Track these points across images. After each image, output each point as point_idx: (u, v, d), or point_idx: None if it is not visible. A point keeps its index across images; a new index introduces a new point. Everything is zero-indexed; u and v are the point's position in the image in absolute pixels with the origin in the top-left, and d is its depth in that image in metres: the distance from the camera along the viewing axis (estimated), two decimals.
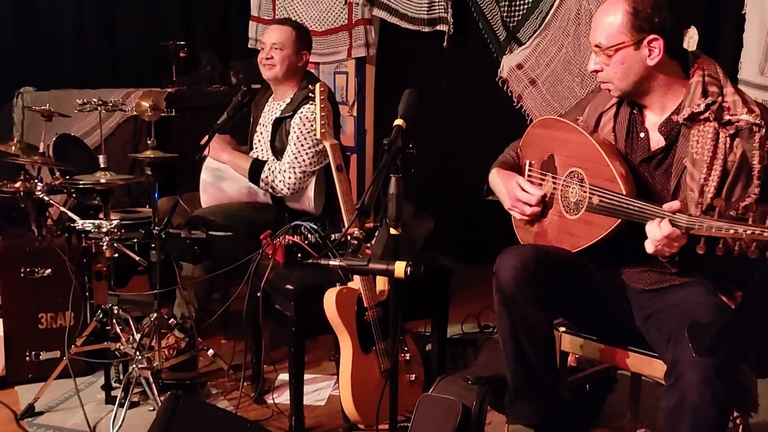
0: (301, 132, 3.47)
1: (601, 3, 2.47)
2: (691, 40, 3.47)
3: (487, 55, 4.82)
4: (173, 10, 5.96)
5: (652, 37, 2.30)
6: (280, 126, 3.60)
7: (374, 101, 5.65)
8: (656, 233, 2.14)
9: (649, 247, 2.18)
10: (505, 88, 4.72)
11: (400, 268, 1.99)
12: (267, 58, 3.63)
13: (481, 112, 5.05)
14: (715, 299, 2.25)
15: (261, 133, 3.74)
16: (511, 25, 4.69)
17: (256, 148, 3.75)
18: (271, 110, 3.73)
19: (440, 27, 5.02)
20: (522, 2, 4.64)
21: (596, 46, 2.36)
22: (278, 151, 3.59)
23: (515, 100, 4.68)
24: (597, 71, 2.41)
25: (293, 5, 5.71)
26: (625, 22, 2.31)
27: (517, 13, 4.67)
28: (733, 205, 2.09)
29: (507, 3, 4.68)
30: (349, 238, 2.13)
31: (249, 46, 6.03)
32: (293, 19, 5.19)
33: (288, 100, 3.61)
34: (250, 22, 6.04)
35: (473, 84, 5.06)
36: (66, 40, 5.55)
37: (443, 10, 4.97)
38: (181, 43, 5.12)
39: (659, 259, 2.27)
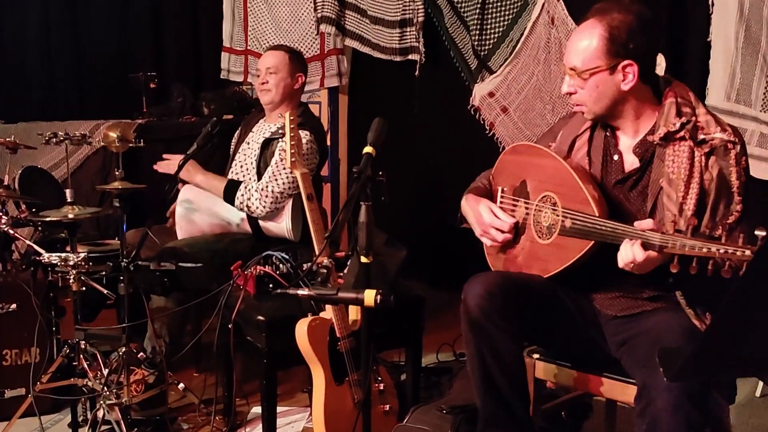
0: (283, 155, 3.45)
1: (570, 31, 2.49)
2: (658, 66, 3.50)
3: (459, 84, 4.85)
4: (143, 41, 5.93)
5: (626, 62, 2.32)
6: (268, 146, 3.59)
7: (347, 130, 5.66)
8: (628, 255, 2.14)
9: (622, 264, 2.18)
10: (477, 116, 4.73)
11: (370, 296, 1.96)
12: (262, 83, 3.66)
13: (454, 140, 5.06)
14: (687, 324, 2.24)
15: (245, 151, 3.73)
16: (483, 53, 4.71)
17: (236, 166, 3.73)
18: (261, 130, 3.73)
19: (412, 56, 5.04)
20: (493, 31, 4.67)
21: (571, 69, 2.37)
22: (262, 171, 3.57)
23: (487, 127, 4.69)
24: (571, 93, 2.42)
25: (266, 36, 5.71)
26: (601, 47, 2.32)
27: (488, 42, 4.70)
28: (718, 224, 2.09)
29: (478, 32, 4.70)
30: (318, 267, 2.10)
31: (222, 77, 6.04)
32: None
33: (280, 124, 3.60)
34: (222, 53, 6.05)
35: (445, 112, 5.07)
36: (33, 72, 5.50)
37: (415, 40, 5.00)
38: (152, 73, 5.10)
39: (633, 282, 2.27)
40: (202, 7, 6.15)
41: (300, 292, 2.03)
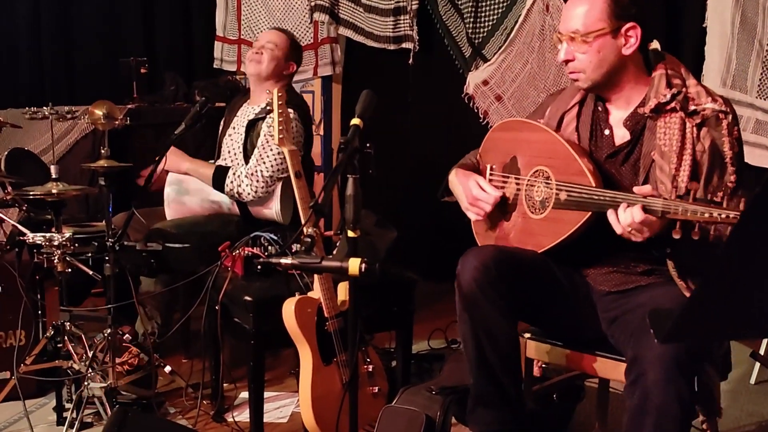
0: (269, 137, 3.41)
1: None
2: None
3: (453, 72, 4.81)
4: (136, 31, 5.90)
5: (630, 24, 2.30)
6: (253, 128, 3.55)
7: (341, 119, 5.61)
8: (627, 218, 2.09)
9: (618, 229, 2.13)
10: (471, 104, 4.69)
11: (354, 265, 1.92)
12: (256, 52, 3.61)
13: (448, 128, 5.03)
14: (680, 296, 2.20)
15: (231, 136, 3.68)
16: (477, 41, 4.68)
17: (224, 153, 3.68)
18: (245, 113, 3.68)
19: (406, 44, 5.01)
20: (487, 19, 4.64)
21: (573, 33, 2.31)
22: (249, 154, 3.53)
23: (481, 116, 4.66)
24: (569, 61, 2.35)
25: (259, 25, 5.68)
26: (605, 9, 2.28)
27: (482, 30, 4.67)
28: (712, 194, 2.05)
29: (472, 20, 4.67)
30: (303, 236, 2.06)
31: (215, 66, 5.99)
32: None
33: (263, 105, 3.57)
34: (216, 42, 6.00)
35: (439, 101, 5.04)
36: (23, 58, 5.46)
37: (408, 28, 4.96)
38: (143, 59, 5.07)
39: (626, 256, 2.25)
40: None
41: (283, 260, 1.99)
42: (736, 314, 1.46)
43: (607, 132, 2.43)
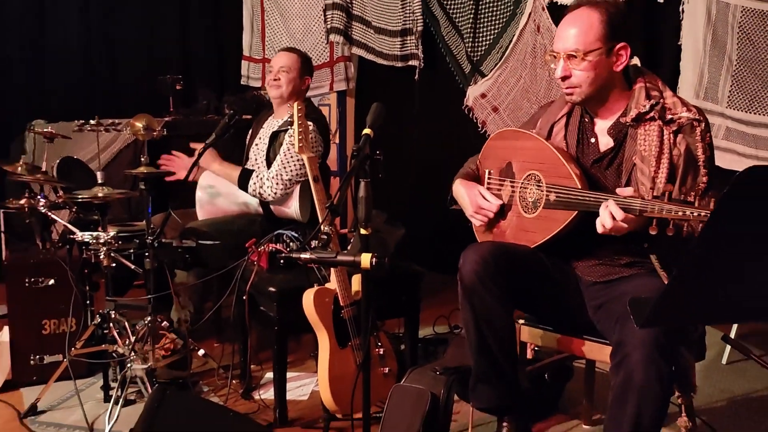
0: (290, 145, 3.41)
1: (552, 37, 2.42)
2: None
3: (454, 86, 4.80)
4: (172, 50, 5.89)
5: (622, 44, 2.27)
6: (276, 138, 3.54)
7: (354, 129, 5.61)
8: (606, 214, 2.07)
9: (600, 228, 2.10)
10: (470, 115, 4.68)
11: (366, 259, 1.91)
12: (274, 79, 3.60)
13: (450, 137, 5.01)
14: (661, 285, 2.18)
15: (257, 145, 3.67)
16: (475, 59, 4.66)
17: (252, 159, 3.68)
18: (270, 126, 3.67)
19: (412, 62, 5.00)
20: (485, 39, 4.62)
21: (572, 52, 2.27)
22: (272, 161, 3.52)
23: (480, 125, 4.64)
24: (567, 77, 2.31)
25: (281, 45, 5.65)
26: (601, 30, 2.25)
27: (480, 49, 4.65)
28: (686, 194, 2.03)
29: (471, 39, 4.65)
30: (320, 234, 2.05)
31: (242, 82, 5.99)
32: None
33: (286, 118, 3.57)
34: (243, 61, 6.01)
35: (442, 112, 5.02)
36: (72, 76, 5.46)
37: (414, 47, 4.96)
38: (178, 76, 5.07)
39: (610, 249, 2.24)
40: (225, 20, 6.11)
41: (303, 255, 1.99)
42: (707, 302, 1.46)
43: (592, 140, 2.41)
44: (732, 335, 3.46)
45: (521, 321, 2.56)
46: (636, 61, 2.49)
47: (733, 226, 1.34)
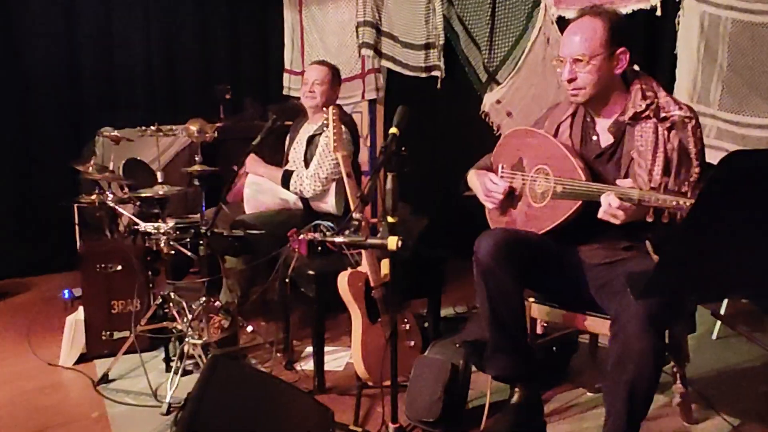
0: (325, 147, 3.44)
1: (559, 47, 2.40)
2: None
3: (472, 94, 4.78)
4: (223, 65, 5.93)
5: (622, 49, 2.27)
6: (312, 141, 3.57)
7: (383, 133, 5.61)
8: (606, 204, 2.08)
9: (601, 213, 2.11)
10: (487, 119, 4.66)
11: (392, 241, 1.95)
12: (310, 91, 3.62)
13: (468, 139, 4.97)
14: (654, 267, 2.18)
15: (295, 149, 3.71)
16: (491, 69, 4.65)
17: (291, 160, 3.71)
18: (306, 131, 3.70)
19: (434, 72, 4.98)
20: (500, 51, 4.61)
21: (579, 56, 2.26)
22: (309, 162, 3.56)
23: (495, 129, 4.62)
24: (573, 79, 2.30)
25: (318, 59, 5.70)
26: (606, 36, 2.25)
27: (495, 59, 4.64)
28: (681, 184, 2.04)
29: (487, 51, 4.64)
30: (352, 220, 2.08)
31: (284, 93, 6.03)
32: None
33: (320, 123, 3.60)
34: (284, 73, 6.05)
35: (461, 117, 5.00)
36: (137, 85, 5.55)
37: (437, 59, 4.94)
38: (228, 86, 5.13)
39: (611, 235, 2.23)
40: (269, 37, 6.14)
41: (337, 239, 2.02)
42: (695, 278, 1.46)
43: (594, 137, 2.41)
44: (722, 312, 3.42)
45: (531, 299, 2.57)
46: (635, 66, 2.48)
47: (718, 206, 1.34)
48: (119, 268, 3.40)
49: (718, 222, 1.37)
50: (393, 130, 2.26)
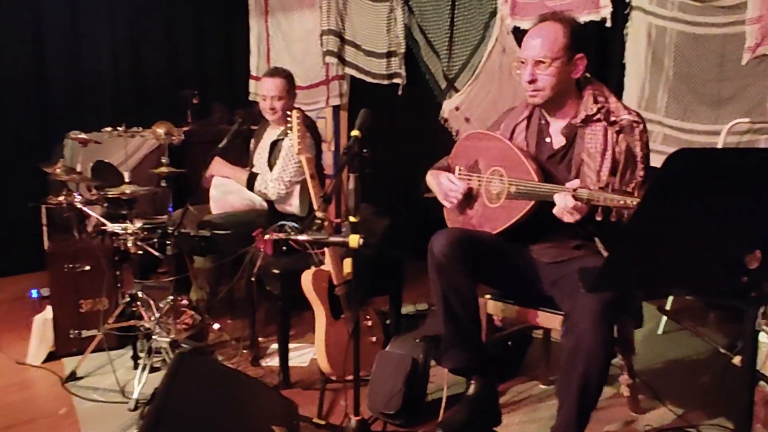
0: (289, 151, 3.41)
1: (515, 57, 2.41)
2: None
3: (432, 100, 4.80)
4: (191, 68, 5.87)
5: (580, 55, 2.29)
6: (275, 146, 3.53)
7: (347, 138, 5.59)
8: (561, 203, 2.10)
9: (557, 211, 2.13)
10: (446, 125, 4.69)
11: (354, 239, 1.94)
12: (271, 108, 3.52)
13: (428, 145, 4.99)
14: None
15: (260, 153, 3.67)
16: (450, 76, 4.68)
17: (256, 165, 3.66)
18: (269, 135, 3.66)
19: (396, 80, 4.99)
20: (458, 59, 4.64)
21: (541, 59, 2.27)
22: (272, 166, 3.51)
23: (454, 134, 4.65)
24: (533, 81, 2.31)
25: (284, 66, 5.66)
26: (566, 41, 2.26)
27: (454, 67, 4.67)
28: (625, 185, 2.06)
29: (447, 59, 4.67)
30: (315, 219, 2.08)
31: (250, 98, 5.98)
32: None
33: (282, 128, 3.55)
34: (250, 80, 6.00)
35: (422, 123, 5.01)
36: (105, 89, 5.45)
37: (398, 67, 4.96)
38: (195, 91, 5.07)
39: (562, 234, 2.25)
40: (235, 43, 6.08)
41: (300, 237, 2.01)
42: (642, 273, 1.48)
43: (548, 139, 2.43)
44: (667, 308, 3.49)
45: (487, 296, 2.59)
46: (587, 74, 2.52)
47: (665, 202, 1.36)
48: (87, 267, 3.34)
49: (665, 217, 1.39)
50: (355, 132, 2.26)
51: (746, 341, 1.48)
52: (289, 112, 2.96)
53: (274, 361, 3.18)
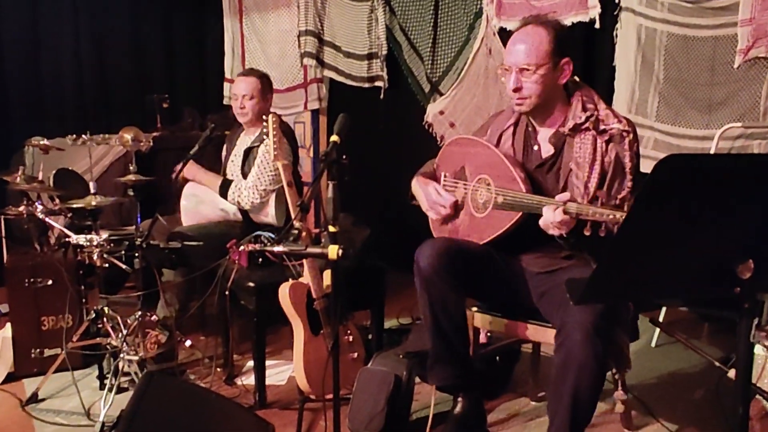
0: (264, 158, 3.41)
1: (504, 55, 2.43)
2: None
3: (416, 104, 4.82)
4: (160, 71, 5.86)
5: (566, 59, 2.31)
6: (249, 153, 3.53)
7: (326, 144, 5.59)
8: (549, 217, 2.12)
9: (543, 223, 2.15)
10: (430, 130, 4.71)
11: (333, 250, 1.95)
12: (241, 107, 3.53)
13: (412, 150, 5.00)
14: None
15: (233, 161, 3.66)
16: (434, 79, 4.71)
17: (229, 173, 3.66)
18: (243, 142, 3.65)
19: (377, 83, 5.02)
20: (442, 61, 4.67)
21: (525, 66, 2.28)
22: (247, 174, 3.51)
23: (438, 139, 4.68)
24: (518, 89, 2.32)
25: (259, 68, 5.67)
26: (550, 47, 2.28)
27: (438, 70, 4.70)
28: (613, 197, 2.09)
29: (430, 62, 4.70)
30: (292, 229, 2.08)
31: (224, 102, 5.97)
32: None
33: (257, 134, 3.54)
34: (224, 82, 5.99)
35: (405, 128, 5.04)
36: (66, 93, 5.42)
37: (379, 69, 4.98)
38: (165, 96, 5.06)
39: (552, 244, 2.27)
40: (208, 44, 6.09)
41: (276, 248, 2.01)
42: (630, 283, 1.50)
43: (536, 147, 2.44)
44: (660, 320, 3.53)
45: (474, 309, 2.60)
46: (575, 78, 2.54)
47: (654, 208, 1.37)
48: (49, 282, 3.31)
49: (654, 225, 1.40)
50: (334, 137, 2.26)
51: (739, 354, 1.50)
52: (264, 116, 2.97)
53: (249, 380, 3.17)
